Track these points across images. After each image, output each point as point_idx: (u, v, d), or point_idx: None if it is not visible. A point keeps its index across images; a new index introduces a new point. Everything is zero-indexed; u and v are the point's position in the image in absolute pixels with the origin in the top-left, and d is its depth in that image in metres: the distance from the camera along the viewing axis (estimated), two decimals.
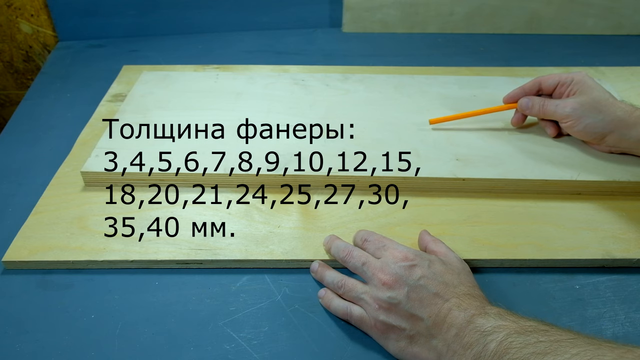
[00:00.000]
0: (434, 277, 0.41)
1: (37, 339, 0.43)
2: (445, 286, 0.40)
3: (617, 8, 0.88)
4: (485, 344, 0.35)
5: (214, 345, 0.42)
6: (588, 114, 0.54)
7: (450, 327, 0.38)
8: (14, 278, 0.48)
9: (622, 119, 0.53)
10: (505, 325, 0.36)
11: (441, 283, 0.40)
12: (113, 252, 0.48)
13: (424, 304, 0.39)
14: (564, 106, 0.56)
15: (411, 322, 0.39)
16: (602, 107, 0.54)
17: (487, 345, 0.35)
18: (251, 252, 0.48)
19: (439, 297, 0.39)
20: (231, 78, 0.71)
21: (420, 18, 0.90)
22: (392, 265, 0.42)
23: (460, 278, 0.42)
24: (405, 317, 0.40)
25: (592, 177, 0.54)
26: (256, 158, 0.56)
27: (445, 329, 0.38)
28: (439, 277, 0.41)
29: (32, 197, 0.54)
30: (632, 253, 0.49)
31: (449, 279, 0.41)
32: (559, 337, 0.34)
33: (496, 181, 0.55)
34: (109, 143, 0.58)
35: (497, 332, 0.35)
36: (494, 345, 0.35)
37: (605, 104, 0.54)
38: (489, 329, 0.36)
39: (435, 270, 0.41)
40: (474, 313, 0.37)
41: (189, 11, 0.88)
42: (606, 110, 0.53)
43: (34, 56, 0.91)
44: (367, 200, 0.54)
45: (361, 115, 0.63)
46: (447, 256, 0.45)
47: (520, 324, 0.36)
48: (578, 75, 0.56)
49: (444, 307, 0.39)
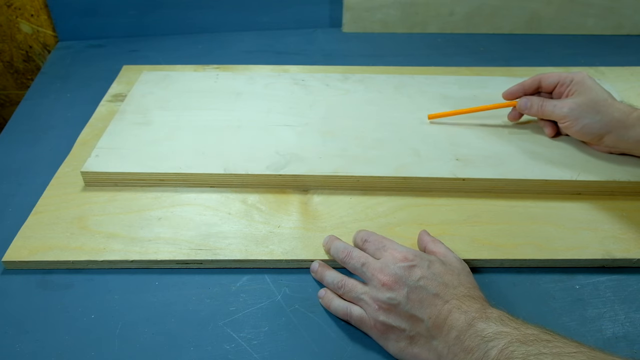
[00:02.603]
0: (434, 278, 0.41)
1: (37, 339, 0.43)
2: (445, 287, 0.40)
3: (617, 8, 0.88)
4: (486, 351, 0.35)
5: (214, 345, 0.42)
6: (586, 115, 0.54)
7: (450, 329, 0.38)
8: (14, 278, 0.48)
9: (620, 120, 0.53)
10: (507, 332, 0.35)
11: (441, 284, 0.40)
12: (113, 252, 0.48)
13: (423, 305, 0.39)
14: (562, 106, 0.56)
15: (411, 323, 0.39)
16: (600, 108, 0.54)
17: (488, 352, 0.35)
18: (251, 252, 0.48)
19: (438, 298, 0.39)
20: (231, 78, 0.71)
21: (420, 18, 0.90)
22: (391, 266, 0.42)
23: (460, 279, 0.41)
24: (405, 318, 0.40)
25: (592, 177, 0.54)
26: (256, 158, 0.56)
27: (446, 331, 0.38)
28: (439, 278, 0.41)
29: (32, 197, 0.54)
30: (632, 253, 0.49)
31: (449, 279, 0.41)
32: (561, 350, 0.33)
33: (496, 181, 0.55)
34: (109, 143, 0.58)
35: (498, 339, 0.35)
36: (495, 352, 0.34)
37: (603, 104, 0.54)
38: (490, 334, 0.36)
39: (435, 271, 0.41)
40: (474, 316, 0.37)
41: (189, 11, 0.88)
42: (604, 111, 0.53)
43: (34, 56, 0.91)
44: (367, 200, 0.54)
45: (361, 115, 0.63)
46: (447, 256, 0.44)
47: (521, 332, 0.35)
48: (578, 76, 0.56)
49: (444, 308, 0.39)
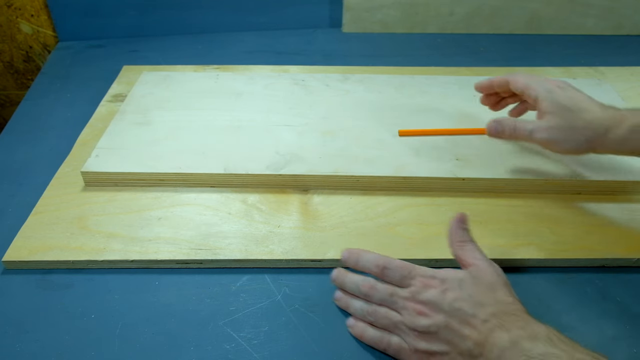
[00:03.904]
0: (469, 298, 0.39)
1: (37, 339, 0.43)
2: (481, 306, 0.38)
3: (617, 8, 0.88)
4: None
5: (214, 345, 0.42)
6: (567, 138, 0.49)
7: (493, 347, 0.36)
8: (14, 278, 0.48)
9: (605, 134, 0.48)
10: (556, 354, 0.33)
11: (476, 304, 0.39)
12: (113, 252, 0.48)
13: (463, 327, 0.38)
14: (539, 131, 0.50)
15: (452, 346, 0.38)
16: (580, 126, 0.48)
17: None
18: (251, 252, 0.48)
19: (476, 318, 0.38)
20: (231, 78, 0.71)
21: (420, 18, 0.90)
22: (423, 292, 0.40)
23: (495, 295, 0.39)
24: (446, 342, 0.38)
25: (592, 177, 0.54)
26: (256, 158, 0.56)
27: (489, 349, 0.36)
28: (474, 297, 0.39)
29: (32, 197, 0.54)
30: (632, 253, 0.49)
31: (484, 298, 0.39)
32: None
33: (496, 181, 0.55)
34: (109, 143, 0.58)
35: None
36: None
37: (582, 121, 0.48)
38: (537, 355, 0.34)
39: (469, 292, 0.39)
40: (519, 334, 0.36)
41: (189, 11, 0.88)
42: (585, 128, 0.48)
43: (34, 56, 0.91)
44: (367, 200, 0.54)
45: (361, 115, 0.63)
46: (478, 268, 0.41)
47: (572, 356, 0.33)
48: (542, 92, 0.50)
49: (485, 327, 0.37)
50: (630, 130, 0.46)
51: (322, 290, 0.46)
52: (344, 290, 0.45)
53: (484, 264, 0.42)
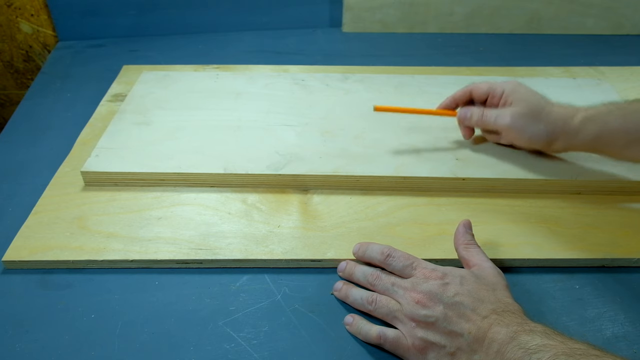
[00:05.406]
0: (469, 294, 0.40)
1: (37, 339, 0.43)
2: (481, 303, 0.39)
3: (617, 8, 0.88)
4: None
5: (214, 345, 0.42)
6: (529, 125, 0.52)
7: (492, 342, 0.36)
8: (14, 278, 0.48)
9: (564, 127, 0.51)
10: (552, 344, 0.34)
11: (476, 300, 0.39)
12: (113, 252, 0.48)
13: (461, 320, 0.38)
14: (504, 117, 0.53)
15: (451, 339, 0.38)
16: (541, 117, 0.51)
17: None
18: (251, 252, 0.48)
19: (476, 313, 0.38)
20: (231, 78, 0.71)
21: (420, 18, 0.90)
22: (423, 283, 0.41)
23: (495, 295, 0.40)
24: (444, 334, 0.39)
25: (592, 177, 0.54)
26: (256, 157, 0.56)
27: (487, 344, 0.37)
28: (474, 294, 0.40)
29: (32, 197, 0.54)
30: (632, 253, 0.49)
31: (484, 295, 0.40)
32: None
33: (496, 181, 0.55)
34: (109, 143, 0.58)
35: (543, 352, 0.34)
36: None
37: (542, 112, 0.51)
38: (534, 347, 0.34)
39: (469, 288, 0.40)
40: (517, 329, 0.36)
41: (188, 11, 0.88)
42: (546, 120, 0.51)
43: (34, 56, 0.91)
44: (367, 200, 0.54)
45: (361, 115, 0.63)
46: (481, 268, 0.43)
47: (568, 346, 0.34)
48: (508, 86, 0.54)
49: (484, 322, 0.38)
50: (582, 120, 0.50)
51: (322, 290, 0.47)
52: (344, 281, 0.46)
53: (487, 265, 0.43)
